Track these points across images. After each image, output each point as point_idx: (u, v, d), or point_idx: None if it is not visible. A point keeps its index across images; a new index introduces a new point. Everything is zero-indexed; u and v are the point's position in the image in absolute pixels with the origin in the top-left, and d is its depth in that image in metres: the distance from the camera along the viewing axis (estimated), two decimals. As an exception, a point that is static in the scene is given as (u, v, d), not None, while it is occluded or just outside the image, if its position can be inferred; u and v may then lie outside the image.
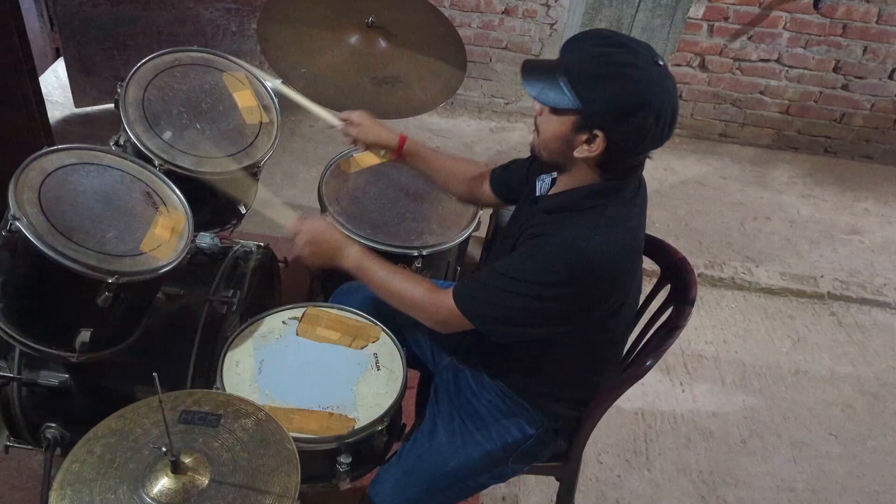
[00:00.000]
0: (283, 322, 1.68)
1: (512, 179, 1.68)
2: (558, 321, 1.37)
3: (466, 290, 1.41)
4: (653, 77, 1.24)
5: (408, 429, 1.67)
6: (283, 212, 1.67)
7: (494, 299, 1.37)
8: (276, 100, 1.95)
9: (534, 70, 1.32)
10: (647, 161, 1.38)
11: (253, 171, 1.84)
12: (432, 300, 1.44)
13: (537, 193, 1.49)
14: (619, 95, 1.24)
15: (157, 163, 1.68)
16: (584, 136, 1.27)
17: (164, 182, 1.65)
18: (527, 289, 1.33)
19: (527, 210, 1.49)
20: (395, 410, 1.55)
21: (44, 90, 2.68)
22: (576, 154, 1.30)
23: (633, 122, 1.24)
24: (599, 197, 1.34)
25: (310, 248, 1.55)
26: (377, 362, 1.62)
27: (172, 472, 1.14)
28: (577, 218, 1.34)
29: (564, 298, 1.32)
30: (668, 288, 1.67)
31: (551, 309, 1.34)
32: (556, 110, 1.29)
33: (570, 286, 1.31)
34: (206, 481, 1.16)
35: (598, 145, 1.27)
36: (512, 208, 1.67)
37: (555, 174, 1.47)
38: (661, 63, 1.25)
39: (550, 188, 1.47)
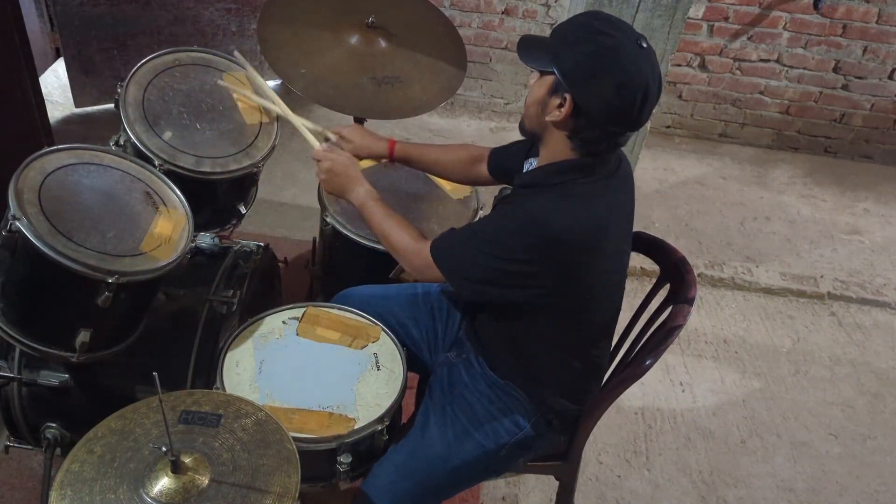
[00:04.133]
0: (283, 322, 1.68)
1: (509, 161, 1.73)
2: (523, 287, 1.42)
3: (443, 243, 1.50)
4: (626, 50, 1.29)
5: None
6: (312, 137, 1.81)
7: (465, 256, 1.45)
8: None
9: (531, 41, 1.42)
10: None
11: (253, 170, 1.84)
12: (414, 248, 1.54)
13: (523, 171, 1.58)
14: (587, 57, 1.30)
15: (157, 163, 1.68)
16: (557, 101, 1.34)
17: (164, 182, 1.65)
18: (493, 250, 1.40)
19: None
20: (395, 410, 1.55)
21: (44, 90, 2.68)
22: (547, 118, 1.36)
23: (596, 86, 1.30)
24: (567, 174, 1.40)
25: (327, 176, 1.70)
26: (377, 362, 1.62)
27: (172, 472, 1.14)
28: (543, 192, 1.41)
29: (525, 264, 1.38)
30: (667, 287, 1.67)
31: (516, 273, 1.40)
32: (541, 72, 1.37)
33: (529, 253, 1.37)
34: (206, 481, 1.16)
35: (567, 108, 1.33)
36: None
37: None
38: (644, 45, 1.31)
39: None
